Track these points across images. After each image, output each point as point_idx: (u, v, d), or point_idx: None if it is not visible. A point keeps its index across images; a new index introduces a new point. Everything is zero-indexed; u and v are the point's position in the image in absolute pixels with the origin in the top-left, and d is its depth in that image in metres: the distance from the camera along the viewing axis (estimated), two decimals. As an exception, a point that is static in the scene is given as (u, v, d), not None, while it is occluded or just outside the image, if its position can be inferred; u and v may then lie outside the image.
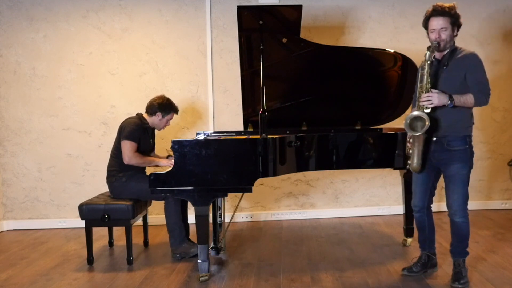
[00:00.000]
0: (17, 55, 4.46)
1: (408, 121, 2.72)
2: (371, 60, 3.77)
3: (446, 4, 2.71)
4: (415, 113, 2.71)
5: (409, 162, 2.88)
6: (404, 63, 3.70)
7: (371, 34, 4.63)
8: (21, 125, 4.51)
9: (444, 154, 2.80)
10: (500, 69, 4.74)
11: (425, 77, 2.71)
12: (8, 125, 4.51)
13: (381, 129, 4.03)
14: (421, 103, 2.72)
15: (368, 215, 4.73)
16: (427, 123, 2.66)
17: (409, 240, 3.70)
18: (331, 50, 3.79)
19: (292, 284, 2.97)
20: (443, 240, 3.67)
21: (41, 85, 4.49)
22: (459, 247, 2.88)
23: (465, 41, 4.60)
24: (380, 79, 3.86)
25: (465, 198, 2.80)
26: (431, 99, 2.67)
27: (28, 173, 4.55)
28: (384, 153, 3.45)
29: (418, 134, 2.72)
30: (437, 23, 2.72)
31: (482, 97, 2.73)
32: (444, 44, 2.74)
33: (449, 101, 2.67)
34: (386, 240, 3.89)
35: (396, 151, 3.43)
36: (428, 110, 2.70)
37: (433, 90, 2.70)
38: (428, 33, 2.81)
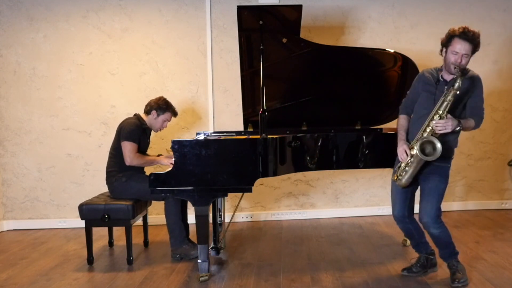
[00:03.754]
0: (17, 55, 4.46)
1: (420, 142, 2.67)
2: (371, 60, 3.77)
3: (476, 30, 2.64)
4: (433, 139, 2.63)
5: (398, 177, 2.84)
6: (404, 63, 3.70)
7: (371, 34, 4.63)
8: (21, 125, 4.51)
9: (426, 169, 2.81)
10: (500, 69, 4.74)
11: (446, 103, 2.63)
12: (8, 125, 4.51)
13: (381, 129, 4.03)
14: (435, 127, 2.65)
15: (368, 215, 4.73)
16: (438, 152, 2.61)
17: (409, 240, 3.69)
18: (331, 50, 3.79)
19: (292, 284, 2.97)
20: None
21: (41, 85, 4.49)
22: (447, 252, 2.90)
23: (465, 41, 4.61)
24: (380, 79, 3.86)
25: (438, 212, 2.78)
26: (447, 126, 2.63)
27: (28, 173, 4.55)
28: (384, 153, 3.45)
29: (427, 159, 2.66)
30: (463, 47, 2.63)
31: (479, 121, 2.78)
32: (462, 69, 2.66)
33: (458, 127, 2.67)
34: (386, 240, 3.89)
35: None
36: (437, 135, 2.67)
37: (448, 116, 2.65)
38: (446, 52, 2.72)
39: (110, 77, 4.51)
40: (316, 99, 3.88)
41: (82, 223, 3.48)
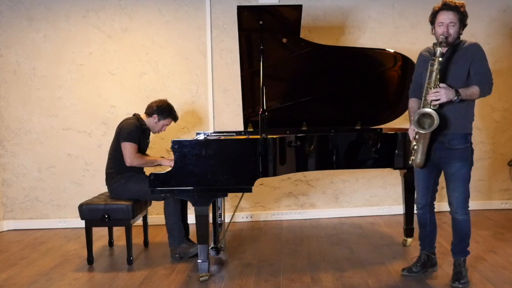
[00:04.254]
0: (17, 55, 4.46)
1: (417, 116, 2.69)
2: (371, 60, 3.78)
3: (457, 1, 2.72)
4: (426, 110, 2.67)
5: (412, 158, 2.85)
6: (404, 63, 3.70)
7: (371, 34, 4.63)
8: (21, 125, 4.51)
9: (445, 153, 2.80)
10: (500, 69, 4.74)
11: (434, 73, 2.67)
12: (8, 125, 4.51)
13: (381, 129, 4.02)
14: (428, 99, 2.69)
15: (368, 215, 4.73)
16: (435, 122, 2.63)
17: (409, 240, 3.70)
18: (331, 50, 3.79)
19: (292, 284, 2.97)
20: (443, 240, 3.67)
21: (41, 85, 4.49)
22: (460, 246, 2.88)
23: (465, 41, 4.61)
24: (380, 79, 3.86)
25: (466, 196, 2.81)
26: (439, 95, 2.65)
27: (28, 173, 4.55)
28: (384, 153, 3.45)
29: (425, 132, 2.69)
30: (447, 17, 2.71)
31: (486, 87, 2.73)
32: (451, 39, 2.72)
33: (456, 96, 2.65)
34: (386, 240, 3.89)
35: (396, 151, 3.43)
36: (436, 107, 2.68)
37: (441, 85, 2.67)
38: (434, 28, 2.79)
39: (110, 77, 4.51)
40: (316, 99, 3.88)
41: (82, 223, 3.47)
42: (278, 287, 2.94)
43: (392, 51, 3.75)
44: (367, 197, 4.78)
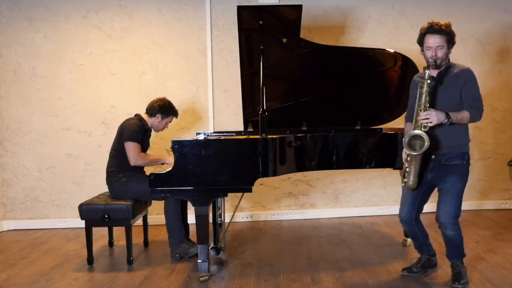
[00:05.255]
0: (17, 55, 4.46)
1: (407, 139, 2.69)
2: (371, 60, 3.77)
3: (442, 22, 2.71)
4: (416, 131, 2.68)
5: (404, 180, 2.85)
6: (404, 63, 3.70)
7: (371, 34, 4.63)
8: (21, 125, 4.51)
9: (441, 170, 2.80)
10: (500, 69, 4.74)
11: (424, 96, 2.69)
12: (8, 125, 4.51)
13: (381, 129, 4.02)
14: (419, 122, 2.70)
15: (368, 215, 4.73)
16: (426, 143, 2.63)
17: (409, 240, 3.69)
18: (331, 50, 3.79)
19: (292, 284, 2.97)
20: (442, 240, 3.66)
21: (41, 85, 4.49)
22: (455, 253, 2.90)
23: (465, 41, 4.62)
24: (380, 79, 3.86)
25: (457, 212, 2.78)
26: (430, 117, 2.66)
27: (28, 173, 4.55)
28: (384, 153, 3.45)
29: (416, 154, 2.70)
30: (434, 41, 2.70)
31: (476, 113, 2.75)
32: (440, 62, 2.74)
33: (446, 119, 2.67)
34: (386, 240, 3.89)
35: (396, 151, 3.43)
36: (427, 129, 2.69)
37: (431, 109, 2.68)
38: (423, 50, 2.79)
39: (110, 77, 4.52)
40: (316, 99, 3.88)
41: (82, 223, 3.48)
42: (278, 287, 2.94)
43: (392, 51, 3.75)
44: (367, 197, 4.78)
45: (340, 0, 4.58)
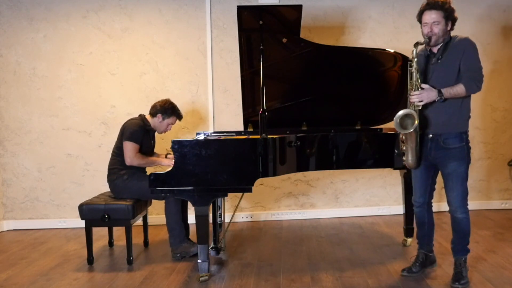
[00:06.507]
0: (17, 55, 4.46)
1: (398, 120, 2.69)
2: (371, 60, 3.77)
3: None
4: (403, 111, 2.68)
5: (403, 158, 2.89)
6: (404, 63, 3.69)
7: (371, 34, 4.63)
8: (21, 125, 4.51)
9: (441, 152, 2.79)
10: (500, 69, 4.74)
11: (414, 74, 2.69)
12: (8, 125, 4.51)
13: (381, 129, 4.02)
14: (411, 101, 2.71)
15: (368, 215, 4.73)
16: (416, 121, 2.65)
17: (409, 240, 3.70)
18: (331, 50, 3.78)
19: (292, 284, 2.97)
20: (442, 240, 3.67)
21: (41, 85, 4.49)
22: (460, 244, 2.88)
23: (465, 41, 4.61)
24: (380, 79, 3.85)
25: (465, 194, 2.79)
26: (421, 97, 2.66)
27: (28, 173, 4.55)
28: (384, 153, 3.45)
29: (408, 131, 2.71)
30: (430, 16, 2.69)
31: (473, 84, 2.66)
32: (435, 38, 2.70)
33: (439, 96, 2.65)
34: (386, 240, 3.89)
35: (396, 151, 3.43)
36: (419, 107, 2.69)
37: (423, 86, 2.68)
38: (421, 28, 2.78)
39: (110, 77, 4.52)
40: (316, 99, 3.88)
41: (82, 223, 3.48)
42: (278, 287, 2.94)
43: (392, 51, 3.74)
44: (367, 197, 4.78)
45: (340, 0, 4.58)
